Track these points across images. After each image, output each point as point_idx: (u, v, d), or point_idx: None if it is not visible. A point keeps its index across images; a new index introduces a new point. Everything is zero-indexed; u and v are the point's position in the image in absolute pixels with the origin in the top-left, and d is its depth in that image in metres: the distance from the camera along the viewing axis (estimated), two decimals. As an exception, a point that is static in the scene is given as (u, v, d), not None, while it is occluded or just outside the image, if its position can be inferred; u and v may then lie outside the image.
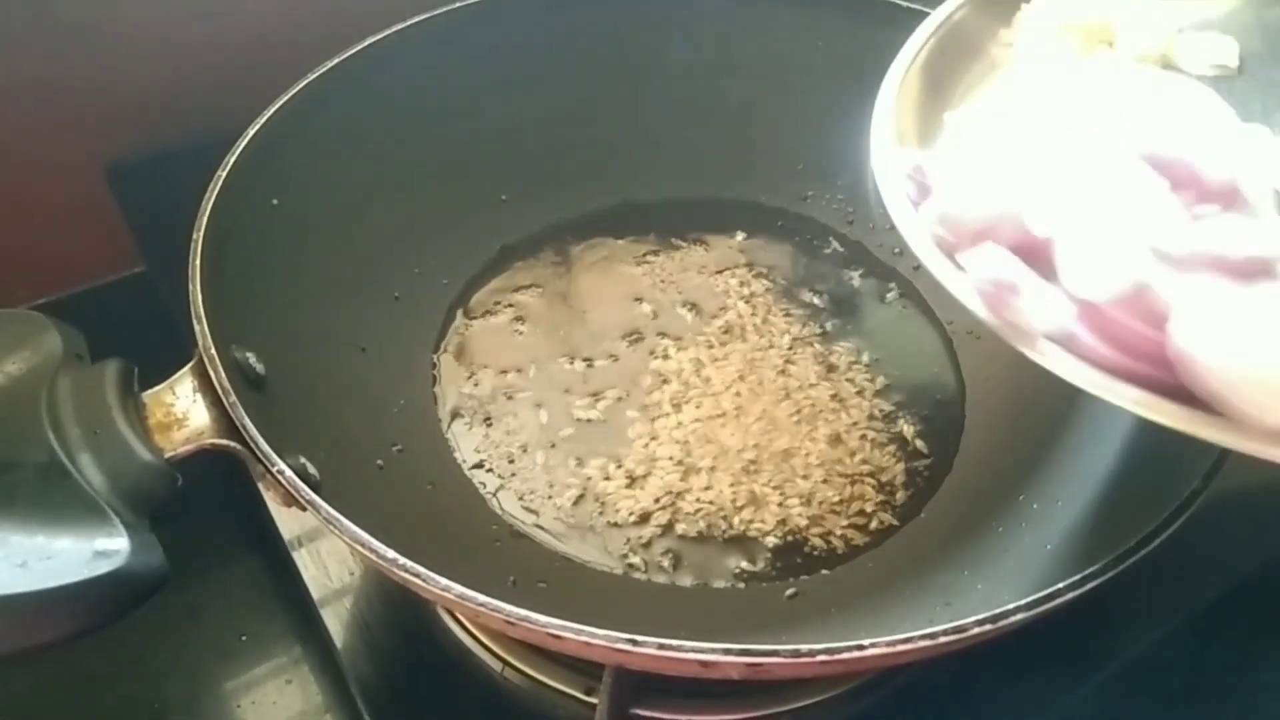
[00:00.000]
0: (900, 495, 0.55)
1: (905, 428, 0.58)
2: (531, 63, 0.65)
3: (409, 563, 0.37)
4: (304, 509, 0.39)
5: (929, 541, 0.51)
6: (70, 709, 0.57)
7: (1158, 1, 0.43)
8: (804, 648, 0.34)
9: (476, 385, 0.60)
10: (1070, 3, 0.46)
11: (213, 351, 0.43)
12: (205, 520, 0.59)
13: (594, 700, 0.47)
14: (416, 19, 0.60)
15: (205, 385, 0.43)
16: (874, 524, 0.53)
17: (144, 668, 0.58)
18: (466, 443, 0.57)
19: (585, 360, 0.61)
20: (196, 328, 0.44)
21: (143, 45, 0.66)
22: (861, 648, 0.34)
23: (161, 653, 0.58)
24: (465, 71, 0.63)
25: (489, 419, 0.58)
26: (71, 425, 0.39)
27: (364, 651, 0.53)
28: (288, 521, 0.57)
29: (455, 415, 0.58)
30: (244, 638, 0.59)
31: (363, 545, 0.37)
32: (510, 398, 0.59)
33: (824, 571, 0.52)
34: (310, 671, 0.57)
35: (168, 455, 0.41)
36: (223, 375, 0.42)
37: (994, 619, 0.35)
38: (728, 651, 0.34)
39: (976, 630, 0.35)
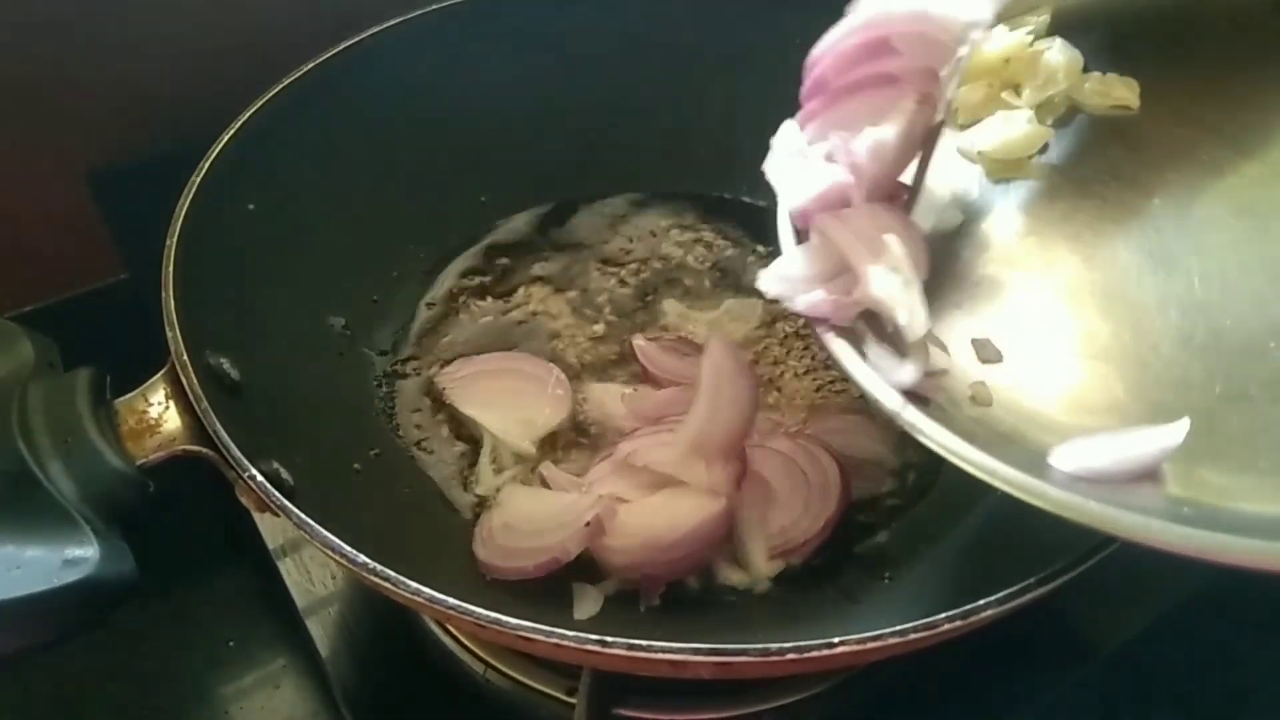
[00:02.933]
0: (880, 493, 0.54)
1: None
2: (509, 65, 0.65)
3: (379, 567, 0.37)
4: (277, 515, 0.39)
5: (904, 541, 0.51)
6: (60, 716, 0.57)
7: (1058, 42, 0.43)
8: (773, 646, 0.34)
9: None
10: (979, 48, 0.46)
11: (185, 358, 0.43)
12: (191, 528, 0.60)
13: (575, 701, 0.47)
14: (392, 22, 0.60)
15: (178, 392, 0.43)
16: (853, 523, 0.53)
17: (133, 674, 0.58)
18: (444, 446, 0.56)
19: (572, 362, 0.60)
20: (169, 334, 0.44)
21: (125, 52, 0.66)
22: (831, 645, 0.34)
23: (150, 660, 0.58)
24: (441, 74, 0.63)
25: (469, 422, 0.58)
26: (42, 434, 0.40)
27: (348, 656, 0.53)
28: (271, 529, 0.57)
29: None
30: (231, 644, 0.59)
31: (333, 550, 0.37)
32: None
33: (800, 573, 0.51)
34: (298, 676, 0.57)
35: (140, 462, 0.41)
36: (194, 381, 0.42)
37: (964, 615, 0.35)
38: (696, 651, 0.34)
39: (947, 626, 0.35)
